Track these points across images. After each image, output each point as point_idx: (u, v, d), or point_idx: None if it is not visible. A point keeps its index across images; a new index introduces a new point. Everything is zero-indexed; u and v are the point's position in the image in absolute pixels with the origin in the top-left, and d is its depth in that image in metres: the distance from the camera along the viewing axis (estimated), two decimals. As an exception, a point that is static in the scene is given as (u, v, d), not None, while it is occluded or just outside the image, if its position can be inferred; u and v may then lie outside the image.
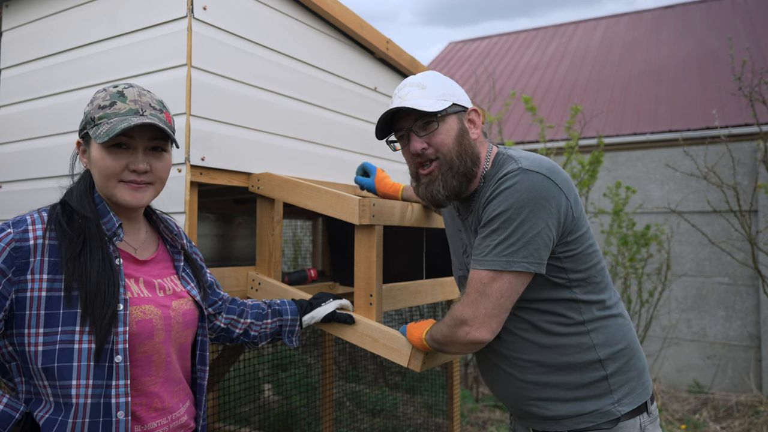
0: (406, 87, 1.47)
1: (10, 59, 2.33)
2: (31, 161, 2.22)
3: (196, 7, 1.78)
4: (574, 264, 1.37)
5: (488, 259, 1.32)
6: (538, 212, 1.29)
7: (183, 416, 1.29)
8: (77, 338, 1.11)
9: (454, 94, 1.47)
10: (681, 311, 6.29)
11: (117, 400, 1.12)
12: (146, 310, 1.21)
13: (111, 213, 1.23)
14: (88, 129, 1.21)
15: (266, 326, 1.59)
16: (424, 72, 1.52)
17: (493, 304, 1.32)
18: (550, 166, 1.35)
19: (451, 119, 1.45)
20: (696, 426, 4.66)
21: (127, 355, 1.14)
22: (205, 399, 1.38)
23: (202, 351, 1.37)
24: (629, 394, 1.38)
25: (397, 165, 2.85)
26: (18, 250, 1.11)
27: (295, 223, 4.41)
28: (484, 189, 1.42)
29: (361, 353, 4.72)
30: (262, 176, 1.97)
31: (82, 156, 1.26)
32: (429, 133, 1.43)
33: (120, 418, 1.12)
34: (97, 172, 1.21)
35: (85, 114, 1.24)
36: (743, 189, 5.54)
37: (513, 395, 1.46)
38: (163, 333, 1.23)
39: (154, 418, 1.21)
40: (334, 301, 1.70)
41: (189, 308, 1.31)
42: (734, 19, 9.05)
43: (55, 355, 1.10)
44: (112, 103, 1.20)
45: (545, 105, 8.30)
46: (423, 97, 1.43)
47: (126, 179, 1.21)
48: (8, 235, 1.11)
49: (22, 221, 1.15)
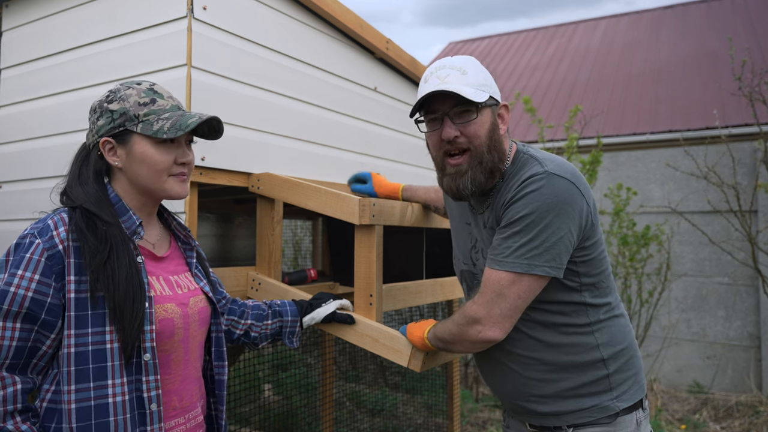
0: (446, 68, 1.41)
1: (10, 59, 2.33)
2: (31, 161, 2.22)
3: (196, 7, 1.78)
4: (588, 268, 1.38)
5: (509, 261, 1.31)
6: (562, 217, 1.29)
7: (199, 415, 1.31)
8: (108, 338, 1.11)
9: (490, 85, 1.43)
10: (681, 311, 6.29)
11: (149, 393, 1.14)
12: (168, 309, 1.22)
13: (130, 211, 1.23)
14: (129, 126, 1.20)
15: (266, 327, 1.59)
16: (461, 56, 1.46)
17: (509, 306, 1.32)
18: (573, 170, 1.35)
19: (487, 112, 1.41)
20: (696, 426, 4.66)
21: (155, 353, 1.16)
22: (224, 394, 1.39)
23: (218, 347, 1.38)
24: (627, 391, 1.40)
25: (398, 165, 2.85)
26: (51, 258, 1.11)
27: (295, 223, 4.41)
28: (504, 187, 1.41)
29: (361, 353, 4.72)
30: (262, 176, 1.97)
31: (110, 154, 1.22)
32: (465, 122, 1.39)
33: (153, 410, 1.15)
34: (146, 167, 1.21)
35: (114, 112, 1.21)
36: (743, 189, 5.54)
37: (513, 391, 1.47)
38: (182, 331, 1.24)
39: (172, 417, 1.23)
40: (335, 302, 1.70)
41: (203, 305, 1.33)
42: (734, 19, 9.05)
43: (89, 357, 1.10)
44: (152, 99, 1.22)
45: (545, 105, 8.30)
46: (464, 83, 1.37)
47: (175, 172, 1.24)
48: (38, 246, 1.11)
49: (46, 228, 1.14)
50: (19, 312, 1.08)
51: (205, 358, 1.38)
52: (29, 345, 1.09)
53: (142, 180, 1.23)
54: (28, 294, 1.08)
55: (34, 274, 1.09)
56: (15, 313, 1.08)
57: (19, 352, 1.09)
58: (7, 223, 2.29)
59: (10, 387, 1.07)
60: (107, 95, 1.25)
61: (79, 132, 1.98)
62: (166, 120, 1.20)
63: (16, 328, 1.08)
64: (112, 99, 1.23)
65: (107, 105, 1.23)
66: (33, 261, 1.10)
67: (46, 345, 1.11)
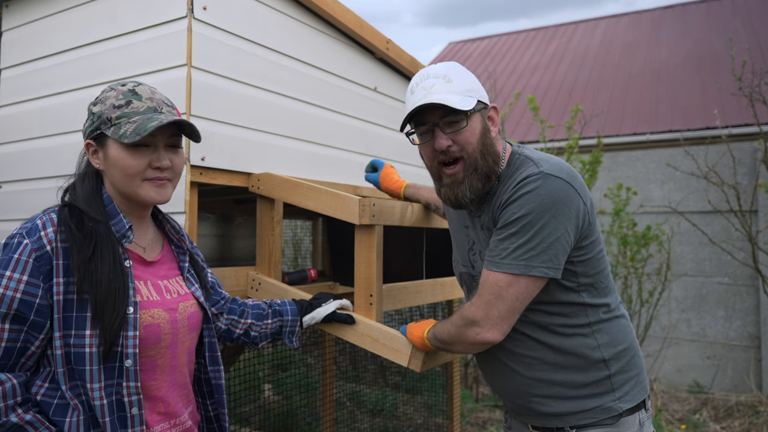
0: (430, 78, 1.40)
1: (10, 59, 2.33)
2: (31, 161, 2.22)
3: (196, 7, 1.78)
4: (586, 268, 1.38)
5: (506, 263, 1.31)
6: (558, 218, 1.28)
7: (187, 421, 1.29)
8: (87, 342, 1.11)
9: (477, 89, 1.42)
10: (681, 311, 6.29)
11: (129, 398, 1.14)
12: (155, 314, 1.21)
13: (121, 214, 1.22)
14: (104, 129, 1.19)
15: (266, 327, 1.59)
16: (444, 63, 1.45)
17: (507, 307, 1.32)
18: (569, 170, 1.35)
19: (476, 117, 1.41)
20: (696, 426, 4.66)
21: (137, 360, 1.15)
22: (224, 397, 1.39)
23: (212, 352, 1.37)
24: (630, 392, 1.40)
25: (398, 165, 2.85)
26: (39, 258, 1.11)
27: (295, 223, 4.41)
28: (499, 189, 1.41)
29: (361, 353, 4.72)
30: (262, 176, 1.97)
31: (93, 157, 1.23)
32: (456, 131, 1.38)
33: (134, 414, 1.15)
34: (118, 171, 1.20)
35: (94, 114, 1.21)
36: (743, 189, 5.54)
37: (515, 391, 1.46)
38: (169, 337, 1.23)
39: (158, 422, 1.21)
40: (335, 302, 1.70)
41: (194, 311, 1.31)
42: (734, 19, 9.05)
43: (71, 358, 1.11)
44: (128, 102, 1.19)
45: (545, 105, 8.30)
46: (450, 92, 1.37)
47: (150, 177, 1.21)
48: (26, 247, 1.11)
49: (34, 228, 1.13)
50: (7, 313, 1.08)
51: (200, 362, 1.37)
52: (18, 345, 1.10)
53: (117, 184, 1.22)
54: (17, 295, 1.08)
55: (23, 275, 1.09)
56: (3, 315, 1.08)
57: (8, 353, 1.09)
58: (7, 223, 2.29)
59: (7, 383, 1.08)
60: (96, 97, 1.25)
61: (79, 132, 1.98)
62: (133, 123, 1.17)
63: (5, 329, 1.08)
64: (96, 101, 1.23)
65: (91, 107, 1.23)
66: (21, 262, 1.09)
67: (35, 345, 1.11)
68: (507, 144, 1.49)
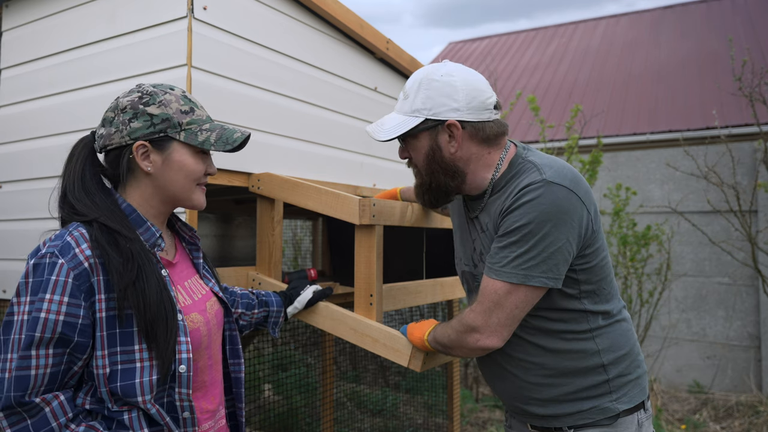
0: (404, 90, 1.47)
1: (10, 59, 2.33)
2: (31, 161, 2.22)
3: (196, 7, 1.78)
4: (588, 276, 1.37)
5: (506, 271, 1.30)
6: (560, 227, 1.27)
7: (223, 417, 1.32)
8: (137, 356, 1.09)
9: (431, 107, 1.37)
10: (681, 311, 6.29)
11: (181, 403, 1.14)
12: (194, 319, 1.21)
13: (148, 222, 1.19)
14: (171, 133, 1.18)
15: (254, 316, 1.63)
16: (418, 72, 1.44)
17: (507, 315, 1.32)
18: (573, 177, 1.32)
19: (423, 136, 1.41)
20: (696, 426, 4.66)
21: (191, 365, 1.15)
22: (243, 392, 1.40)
23: (233, 345, 1.38)
24: (628, 393, 1.40)
25: (398, 165, 2.85)
26: (78, 277, 1.06)
27: (295, 223, 4.41)
28: (499, 193, 1.40)
29: (361, 353, 4.72)
30: (262, 176, 1.97)
31: (142, 159, 1.17)
32: (404, 147, 1.48)
33: (186, 417, 1.15)
34: (183, 176, 1.20)
35: (154, 116, 1.17)
36: (743, 189, 5.54)
37: (513, 394, 1.47)
38: (207, 339, 1.24)
39: (206, 419, 1.23)
40: (310, 287, 1.77)
41: (218, 308, 1.33)
42: (734, 19, 9.05)
43: (117, 376, 1.08)
44: (192, 108, 1.22)
45: (545, 105, 8.30)
46: (400, 110, 1.44)
47: (202, 182, 1.25)
48: (63, 266, 1.05)
49: (66, 246, 1.07)
50: (51, 338, 1.03)
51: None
52: (62, 368, 1.06)
53: (173, 187, 1.20)
54: (60, 318, 1.03)
55: (63, 296, 1.04)
56: (48, 340, 1.03)
57: (53, 378, 1.05)
58: (7, 223, 2.29)
59: (54, 401, 1.05)
60: (140, 96, 1.19)
61: (79, 132, 1.98)
62: (210, 132, 1.20)
63: (48, 354, 1.03)
64: (150, 102, 1.18)
65: (144, 108, 1.17)
66: (60, 282, 1.04)
67: (78, 366, 1.08)
68: (511, 144, 1.46)
